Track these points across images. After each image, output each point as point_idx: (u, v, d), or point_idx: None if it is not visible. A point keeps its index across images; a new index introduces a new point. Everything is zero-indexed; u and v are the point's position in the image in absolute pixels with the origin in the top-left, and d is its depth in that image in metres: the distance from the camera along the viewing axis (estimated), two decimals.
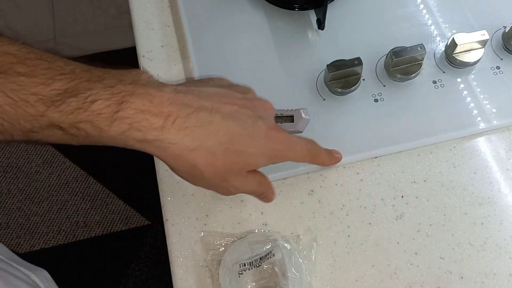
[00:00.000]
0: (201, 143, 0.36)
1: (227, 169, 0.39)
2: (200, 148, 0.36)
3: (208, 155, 0.37)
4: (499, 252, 0.46)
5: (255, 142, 0.39)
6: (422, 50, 0.52)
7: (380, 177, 0.50)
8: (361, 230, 0.47)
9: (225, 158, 0.38)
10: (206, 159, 0.37)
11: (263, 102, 0.42)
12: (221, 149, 0.37)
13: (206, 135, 0.37)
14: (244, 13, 0.59)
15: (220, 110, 0.38)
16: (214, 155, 0.37)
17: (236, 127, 0.38)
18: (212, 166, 0.38)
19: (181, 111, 0.36)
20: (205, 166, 0.37)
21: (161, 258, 1.24)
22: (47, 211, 1.32)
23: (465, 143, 0.51)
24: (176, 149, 0.36)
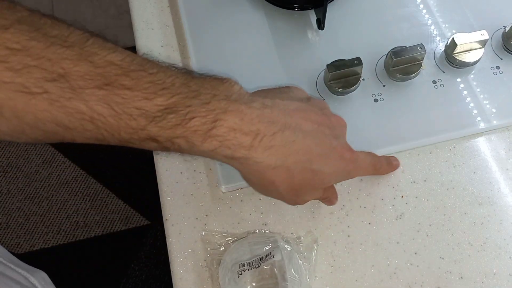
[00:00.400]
0: (283, 162, 0.38)
1: (302, 186, 0.40)
2: (281, 166, 0.38)
3: (287, 173, 0.39)
4: (499, 252, 0.46)
5: (331, 162, 0.41)
6: (422, 50, 0.52)
7: (380, 177, 0.50)
8: (361, 230, 0.47)
9: (301, 175, 0.39)
10: (284, 177, 0.39)
11: (338, 119, 0.44)
12: (299, 167, 0.39)
13: (288, 154, 0.38)
14: (244, 13, 0.59)
15: (302, 127, 0.39)
16: (292, 173, 0.39)
17: (315, 146, 0.39)
18: (288, 183, 0.39)
19: (268, 129, 0.37)
20: (282, 183, 0.39)
21: (161, 258, 1.24)
22: (47, 211, 1.32)
23: (465, 143, 0.51)
24: (260, 167, 0.37)
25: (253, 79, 0.54)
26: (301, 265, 0.44)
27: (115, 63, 0.33)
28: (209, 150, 0.36)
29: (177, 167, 0.50)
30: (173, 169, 0.50)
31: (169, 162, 0.51)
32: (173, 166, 0.51)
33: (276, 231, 0.47)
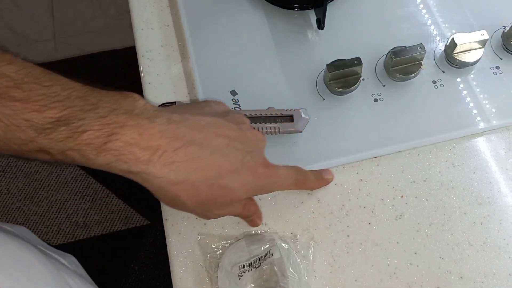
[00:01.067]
0: (186, 177, 0.37)
1: (210, 201, 0.40)
2: (185, 182, 0.37)
3: (192, 188, 0.38)
4: (499, 252, 0.46)
5: (241, 178, 0.40)
6: (421, 50, 0.52)
7: (379, 177, 0.50)
8: (361, 230, 0.47)
9: (208, 192, 0.39)
10: (189, 192, 0.38)
11: (255, 134, 0.43)
12: (206, 183, 0.38)
13: (192, 169, 0.38)
14: (244, 13, 0.59)
15: (211, 143, 0.39)
16: (198, 189, 0.38)
17: (223, 162, 0.39)
18: (195, 198, 0.39)
19: (170, 144, 0.36)
20: (188, 198, 0.39)
21: (161, 257, 1.24)
22: (47, 211, 1.32)
23: (464, 143, 0.51)
24: (161, 182, 0.37)
25: (253, 79, 0.54)
26: (299, 263, 0.44)
27: (7, 75, 0.34)
28: (105, 164, 0.35)
29: None
30: None
31: None
32: None
33: (275, 231, 0.47)
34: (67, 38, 1.60)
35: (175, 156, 0.37)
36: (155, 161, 0.36)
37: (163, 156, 0.36)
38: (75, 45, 1.58)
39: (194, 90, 0.54)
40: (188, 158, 0.37)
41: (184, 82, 0.55)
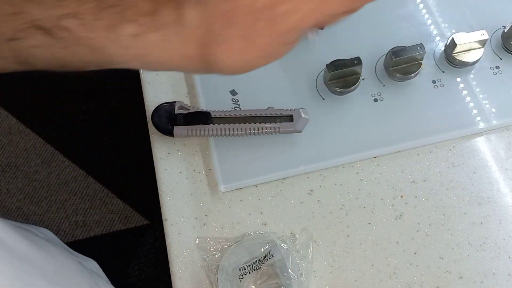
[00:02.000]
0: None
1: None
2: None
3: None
4: (498, 252, 0.46)
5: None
6: (421, 49, 0.52)
7: (379, 177, 0.50)
8: (361, 230, 0.47)
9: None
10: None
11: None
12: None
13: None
14: None
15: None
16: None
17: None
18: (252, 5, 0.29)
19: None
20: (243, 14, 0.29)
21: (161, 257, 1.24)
22: (46, 211, 1.31)
23: (464, 143, 0.51)
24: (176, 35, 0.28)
25: (252, 79, 0.54)
26: (298, 263, 0.44)
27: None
28: (107, 28, 0.28)
29: (177, 167, 0.50)
30: (172, 168, 0.50)
31: (169, 162, 0.51)
32: (173, 166, 0.51)
33: (275, 231, 0.47)
34: None
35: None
36: (160, 8, 0.28)
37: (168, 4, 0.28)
38: None
39: (193, 90, 0.54)
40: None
41: (183, 82, 0.55)
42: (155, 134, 0.51)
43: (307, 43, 0.57)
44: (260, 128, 0.49)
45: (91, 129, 1.42)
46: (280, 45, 0.33)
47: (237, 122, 0.49)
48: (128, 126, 1.43)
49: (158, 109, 0.50)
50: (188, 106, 0.50)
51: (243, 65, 0.32)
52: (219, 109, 0.50)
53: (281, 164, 0.49)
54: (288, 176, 0.50)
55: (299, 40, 0.33)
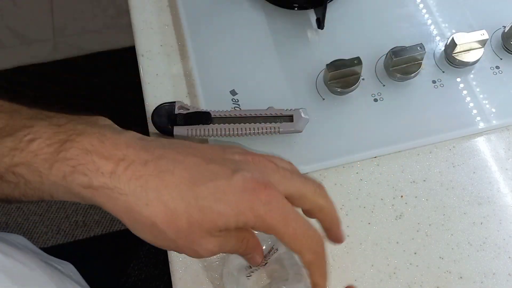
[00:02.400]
0: (158, 196, 0.30)
1: (193, 229, 0.31)
2: (157, 202, 0.30)
3: (167, 211, 0.31)
4: (498, 252, 0.46)
5: (227, 198, 0.31)
6: (421, 49, 0.52)
7: (379, 177, 0.50)
8: (361, 230, 0.47)
9: (187, 215, 0.31)
10: (165, 216, 0.31)
11: (257, 159, 0.34)
12: (183, 204, 0.31)
13: (164, 186, 0.30)
14: (244, 13, 0.58)
15: (185, 160, 0.32)
16: (174, 212, 0.31)
17: (201, 178, 0.31)
18: (174, 225, 0.31)
19: (139, 156, 0.30)
20: (165, 224, 0.31)
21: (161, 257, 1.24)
22: (46, 211, 1.31)
23: (464, 143, 0.51)
24: (127, 200, 0.30)
25: (252, 79, 0.54)
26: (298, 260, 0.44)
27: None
28: (61, 179, 0.29)
29: None
30: None
31: None
32: None
33: None
34: (66, 37, 1.60)
35: (144, 170, 0.30)
36: (119, 173, 0.30)
37: (129, 168, 0.30)
38: (75, 45, 1.58)
39: (193, 90, 0.54)
40: (159, 172, 0.31)
41: (183, 82, 0.55)
42: (155, 134, 0.51)
43: (307, 43, 0.57)
44: (260, 128, 0.48)
45: None
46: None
47: (237, 122, 0.49)
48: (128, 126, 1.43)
49: (158, 109, 0.50)
50: (188, 106, 0.50)
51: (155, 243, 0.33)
52: (219, 109, 0.50)
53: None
54: None
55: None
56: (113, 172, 0.30)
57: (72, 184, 0.30)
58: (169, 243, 0.32)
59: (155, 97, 0.54)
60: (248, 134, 0.48)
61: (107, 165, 0.30)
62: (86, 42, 1.58)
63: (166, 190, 0.31)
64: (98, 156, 0.30)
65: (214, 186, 0.31)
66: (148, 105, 0.53)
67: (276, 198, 0.32)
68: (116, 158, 0.30)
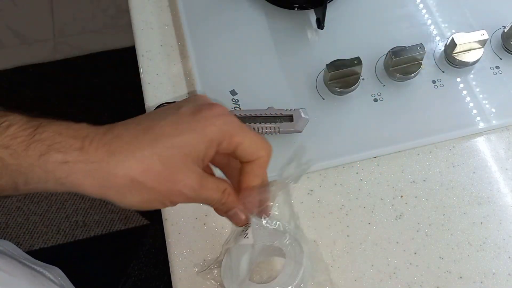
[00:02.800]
0: (125, 153, 0.33)
1: (167, 168, 0.34)
2: (125, 158, 0.33)
3: (138, 162, 0.33)
4: (498, 252, 0.46)
5: (180, 127, 0.34)
6: (421, 49, 0.52)
7: (379, 177, 0.50)
8: (361, 230, 0.47)
9: (157, 157, 0.33)
10: (139, 167, 0.33)
11: (200, 97, 0.38)
12: (149, 150, 0.33)
13: (126, 142, 0.33)
14: (244, 13, 0.58)
15: (135, 118, 0.35)
16: (145, 160, 0.33)
17: (152, 122, 0.34)
18: (151, 170, 0.33)
19: (97, 131, 0.34)
20: (143, 174, 0.33)
21: (161, 257, 1.24)
22: (46, 211, 1.31)
23: (464, 143, 0.51)
24: (100, 169, 0.32)
25: (252, 79, 0.54)
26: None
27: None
28: (37, 158, 0.32)
29: None
30: None
31: None
32: None
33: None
34: (66, 37, 1.60)
35: (105, 138, 0.33)
36: (86, 147, 0.33)
37: (93, 142, 0.33)
38: (75, 45, 1.58)
39: (193, 90, 0.54)
40: (117, 134, 0.34)
41: (183, 82, 0.55)
42: None
43: (307, 43, 0.57)
44: (260, 128, 0.49)
45: None
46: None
47: None
48: None
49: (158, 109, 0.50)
50: None
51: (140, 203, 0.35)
52: None
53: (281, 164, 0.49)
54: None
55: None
56: (82, 147, 0.33)
57: (48, 163, 0.32)
58: (153, 195, 0.34)
59: (155, 97, 0.54)
60: None
61: (76, 143, 0.33)
62: (86, 42, 1.58)
63: (128, 145, 0.33)
64: (68, 136, 0.33)
65: (167, 123, 0.34)
66: (148, 105, 0.53)
67: (226, 110, 0.36)
68: (81, 136, 0.33)
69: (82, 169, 0.32)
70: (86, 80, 1.51)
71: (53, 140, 0.32)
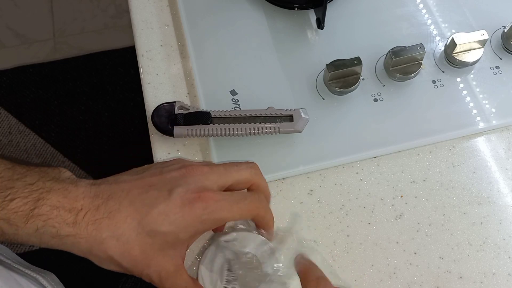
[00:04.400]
0: (111, 233, 0.36)
1: (145, 253, 0.37)
2: (110, 238, 0.36)
3: (120, 244, 0.37)
4: (498, 252, 0.46)
5: (169, 218, 0.37)
6: (421, 49, 0.52)
7: (379, 177, 0.50)
8: (361, 230, 0.47)
9: (139, 243, 0.37)
10: (119, 249, 0.37)
11: (190, 169, 0.39)
12: (133, 235, 0.37)
13: (115, 224, 0.37)
14: (244, 13, 0.59)
15: (128, 195, 0.38)
16: (127, 243, 0.37)
17: (144, 207, 0.37)
18: (128, 254, 0.37)
19: (92, 203, 0.37)
20: (121, 256, 0.37)
21: None
22: None
23: (464, 143, 0.51)
24: (87, 243, 0.36)
25: (252, 79, 0.54)
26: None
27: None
28: (34, 231, 0.35)
29: None
30: None
31: None
32: None
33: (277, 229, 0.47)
34: (66, 37, 1.60)
35: (97, 214, 0.36)
36: (79, 221, 0.36)
37: (86, 216, 0.36)
38: (75, 45, 1.58)
39: (193, 90, 0.54)
40: (109, 213, 0.37)
41: (183, 82, 0.55)
42: (155, 134, 0.51)
43: (307, 43, 0.57)
44: (260, 128, 0.49)
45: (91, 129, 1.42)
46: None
47: (237, 122, 0.49)
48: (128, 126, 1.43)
49: (158, 109, 0.50)
50: (188, 106, 0.50)
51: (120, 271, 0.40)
52: (219, 109, 0.50)
53: (281, 164, 0.50)
54: (288, 176, 0.50)
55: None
56: (75, 222, 0.36)
57: (43, 235, 0.36)
58: (128, 271, 0.39)
59: (155, 97, 0.54)
60: (248, 134, 0.49)
61: (70, 217, 0.36)
62: (86, 42, 1.58)
63: (116, 227, 0.37)
64: (63, 210, 0.36)
65: (156, 211, 0.37)
66: (148, 105, 0.53)
67: (212, 198, 0.38)
68: (76, 210, 0.36)
69: (71, 241, 0.36)
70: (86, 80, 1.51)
71: (49, 216, 0.35)
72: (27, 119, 1.44)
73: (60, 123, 1.44)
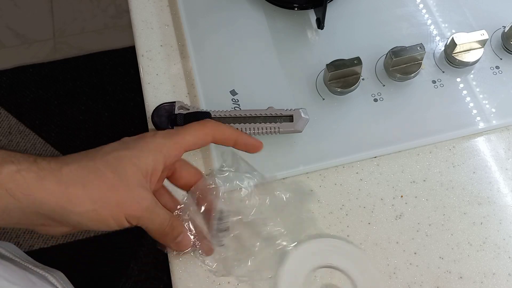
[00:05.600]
0: (78, 162, 0.36)
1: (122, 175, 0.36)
2: (79, 167, 0.36)
3: (90, 170, 0.36)
4: (498, 252, 0.46)
5: (130, 144, 0.38)
6: (421, 49, 0.52)
7: (379, 177, 0.50)
8: (361, 230, 0.47)
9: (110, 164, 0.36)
10: (92, 175, 0.36)
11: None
12: (100, 160, 0.36)
13: (78, 157, 0.37)
14: (244, 13, 0.59)
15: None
16: (97, 169, 0.36)
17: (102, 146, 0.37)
18: (104, 178, 0.36)
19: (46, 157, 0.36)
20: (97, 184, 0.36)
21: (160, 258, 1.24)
22: None
23: (464, 143, 0.51)
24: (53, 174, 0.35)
25: (252, 79, 0.54)
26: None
27: None
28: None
29: None
30: None
31: None
32: None
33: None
34: (66, 37, 1.60)
35: (55, 158, 0.36)
36: (39, 160, 0.35)
37: (45, 158, 0.36)
38: (75, 45, 1.58)
39: (193, 90, 0.54)
40: (67, 156, 0.37)
41: (183, 82, 0.55)
42: None
43: (307, 43, 0.57)
44: (260, 128, 0.49)
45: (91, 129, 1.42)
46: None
47: (237, 122, 0.49)
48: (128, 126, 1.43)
49: (158, 109, 0.50)
50: (188, 106, 0.50)
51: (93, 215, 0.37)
52: (219, 109, 0.50)
53: (281, 164, 0.50)
54: (288, 176, 0.50)
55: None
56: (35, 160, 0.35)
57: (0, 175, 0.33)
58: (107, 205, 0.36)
59: (155, 97, 0.54)
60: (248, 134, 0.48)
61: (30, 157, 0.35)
62: (86, 42, 1.58)
63: (80, 156, 0.36)
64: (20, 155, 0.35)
65: (112, 144, 0.37)
66: (148, 105, 0.53)
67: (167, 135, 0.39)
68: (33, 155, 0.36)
69: (34, 177, 0.33)
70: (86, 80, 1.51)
71: (7, 155, 0.34)
72: (27, 119, 1.44)
73: (60, 123, 1.44)
